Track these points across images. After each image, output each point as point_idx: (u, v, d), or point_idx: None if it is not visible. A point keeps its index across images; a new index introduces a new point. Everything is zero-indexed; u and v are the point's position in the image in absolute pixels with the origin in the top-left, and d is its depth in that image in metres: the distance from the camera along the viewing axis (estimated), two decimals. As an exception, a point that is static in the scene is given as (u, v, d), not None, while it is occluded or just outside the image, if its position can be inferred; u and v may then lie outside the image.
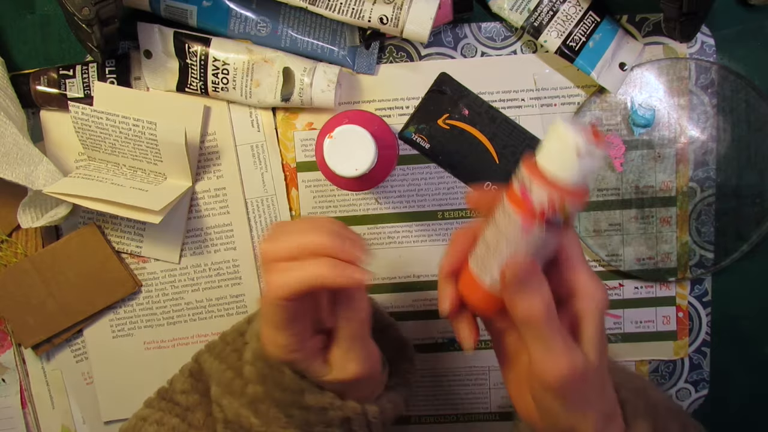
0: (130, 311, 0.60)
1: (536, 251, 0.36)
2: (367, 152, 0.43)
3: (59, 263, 0.58)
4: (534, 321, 0.36)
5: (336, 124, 0.44)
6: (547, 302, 0.36)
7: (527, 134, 0.56)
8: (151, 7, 0.53)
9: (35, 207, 0.55)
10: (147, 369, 0.55)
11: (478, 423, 0.63)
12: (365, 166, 0.43)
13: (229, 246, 0.58)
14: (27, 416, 0.62)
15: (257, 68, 0.54)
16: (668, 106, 0.55)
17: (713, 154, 0.56)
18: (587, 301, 0.38)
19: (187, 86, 0.55)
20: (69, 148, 0.57)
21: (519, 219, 0.35)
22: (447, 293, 0.40)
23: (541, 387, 0.37)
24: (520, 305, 0.36)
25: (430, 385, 0.63)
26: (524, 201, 0.35)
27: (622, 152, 0.56)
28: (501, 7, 0.53)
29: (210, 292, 0.59)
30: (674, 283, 0.59)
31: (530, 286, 0.36)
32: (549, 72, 0.56)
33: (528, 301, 0.36)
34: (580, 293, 0.38)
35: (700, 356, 0.61)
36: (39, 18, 0.56)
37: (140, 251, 0.59)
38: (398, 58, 0.56)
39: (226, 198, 0.58)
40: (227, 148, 0.57)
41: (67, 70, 0.55)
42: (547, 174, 0.34)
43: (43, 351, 0.60)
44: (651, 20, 0.55)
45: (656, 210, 0.57)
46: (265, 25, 0.54)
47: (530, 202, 0.35)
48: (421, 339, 0.61)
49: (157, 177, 0.55)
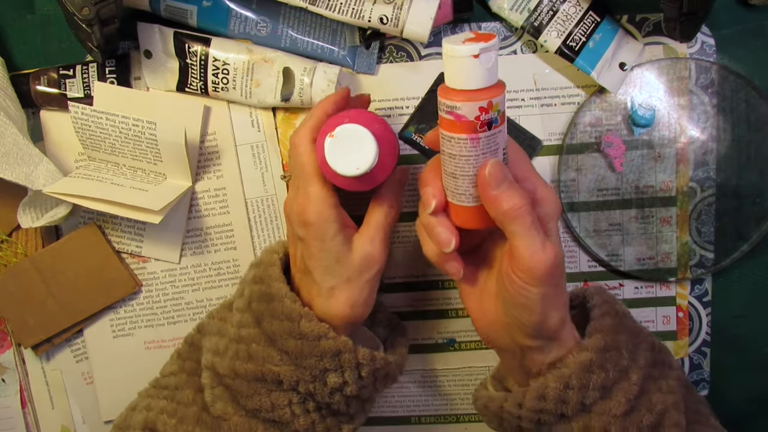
0: (131, 311, 0.60)
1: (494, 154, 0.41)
2: (368, 151, 0.43)
3: (59, 263, 0.58)
4: (519, 214, 0.40)
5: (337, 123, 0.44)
6: (527, 196, 0.41)
7: (527, 134, 0.56)
8: (151, 7, 0.53)
9: (35, 207, 0.55)
10: (147, 369, 0.55)
11: (477, 423, 0.63)
12: (366, 165, 0.43)
13: (229, 246, 0.58)
14: (27, 416, 0.62)
15: (257, 68, 0.54)
16: (668, 106, 0.55)
17: (713, 154, 0.56)
18: (550, 205, 0.43)
19: (187, 86, 0.55)
20: (69, 148, 0.57)
21: (465, 137, 0.40)
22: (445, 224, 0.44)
23: (527, 276, 0.41)
24: (504, 202, 0.40)
25: (430, 385, 0.63)
26: (460, 122, 0.39)
27: (622, 152, 0.56)
28: (501, 7, 0.53)
29: (210, 291, 0.59)
30: (674, 283, 0.59)
31: (508, 183, 0.41)
32: (549, 72, 0.56)
33: (510, 197, 0.40)
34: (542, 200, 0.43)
35: (700, 356, 0.61)
36: (39, 18, 0.56)
37: (140, 251, 0.59)
38: (398, 58, 0.56)
39: (226, 198, 0.58)
40: (227, 148, 0.57)
41: (67, 70, 0.55)
42: (462, 90, 0.39)
43: (43, 351, 0.60)
44: (651, 20, 0.55)
45: (656, 210, 0.57)
46: (265, 25, 0.54)
47: (465, 118, 0.39)
48: (421, 339, 0.61)
49: (157, 177, 0.55)
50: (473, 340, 0.61)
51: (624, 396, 0.44)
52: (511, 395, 0.46)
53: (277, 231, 0.58)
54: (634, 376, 0.45)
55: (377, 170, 0.45)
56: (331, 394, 0.46)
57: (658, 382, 0.46)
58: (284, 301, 0.46)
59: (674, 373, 0.48)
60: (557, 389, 0.43)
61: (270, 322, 0.46)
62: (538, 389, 0.44)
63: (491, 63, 0.38)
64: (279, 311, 0.46)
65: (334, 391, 0.46)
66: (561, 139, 0.56)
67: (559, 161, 0.56)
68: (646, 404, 0.45)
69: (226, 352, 0.48)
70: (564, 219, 0.58)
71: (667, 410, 0.45)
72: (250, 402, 0.47)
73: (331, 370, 0.45)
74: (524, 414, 0.45)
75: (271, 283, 0.47)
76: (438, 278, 0.60)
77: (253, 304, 0.47)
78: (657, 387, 0.46)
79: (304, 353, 0.45)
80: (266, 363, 0.46)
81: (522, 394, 0.45)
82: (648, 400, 0.45)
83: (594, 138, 0.56)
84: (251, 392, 0.46)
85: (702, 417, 0.49)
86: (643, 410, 0.44)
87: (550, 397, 0.44)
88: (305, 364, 0.45)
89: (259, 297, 0.47)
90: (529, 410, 0.45)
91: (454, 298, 0.60)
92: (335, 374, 0.45)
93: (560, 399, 0.44)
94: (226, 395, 0.48)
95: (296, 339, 0.45)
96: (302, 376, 0.45)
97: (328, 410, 0.48)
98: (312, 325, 0.45)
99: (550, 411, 0.44)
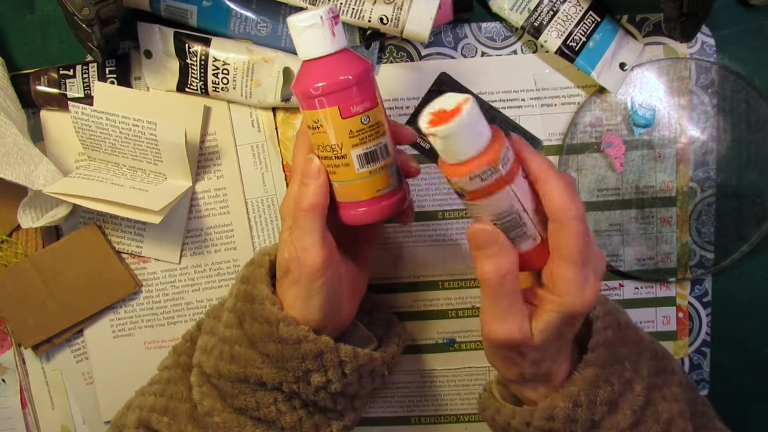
0: (131, 311, 0.60)
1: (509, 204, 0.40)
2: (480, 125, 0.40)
3: (59, 263, 0.58)
4: (486, 282, 0.40)
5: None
6: (500, 268, 0.40)
7: (527, 134, 0.56)
8: (152, 7, 0.53)
9: (35, 207, 0.55)
10: (147, 369, 0.55)
11: (477, 423, 0.63)
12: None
13: (229, 246, 0.58)
14: (27, 416, 0.62)
15: (257, 68, 0.54)
16: (668, 106, 0.55)
17: (713, 154, 0.56)
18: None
19: (187, 86, 0.55)
20: (69, 148, 0.57)
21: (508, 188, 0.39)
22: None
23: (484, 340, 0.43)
24: (478, 267, 0.41)
25: (430, 385, 0.63)
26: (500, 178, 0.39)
27: (623, 152, 0.56)
28: (501, 7, 0.53)
29: (210, 292, 0.59)
30: (674, 283, 0.59)
31: (487, 250, 0.40)
32: (549, 72, 0.56)
33: (483, 264, 0.41)
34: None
35: (700, 356, 0.61)
36: (39, 18, 0.56)
37: (140, 251, 0.59)
38: (398, 58, 0.56)
39: (226, 198, 0.58)
40: (227, 148, 0.57)
41: (67, 70, 0.55)
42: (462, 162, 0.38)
43: (43, 351, 0.60)
44: (651, 20, 0.55)
45: (656, 210, 0.57)
46: (265, 25, 0.54)
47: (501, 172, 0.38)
48: (421, 339, 0.61)
49: (157, 177, 0.55)
50: (473, 340, 0.61)
51: (630, 408, 0.44)
52: (519, 412, 0.45)
53: (277, 231, 0.58)
54: (638, 388, 0.44)
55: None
56: (315, 392, 0.46)
57: (662, 391, 0.46)
58: (264, 303, 0.45)
59: (677, 378, 0.48)
60: (566, 409, 0.43)
61: (251, 324, 0.45)
62: (546, 410, 0.43)
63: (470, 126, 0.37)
64: (259, 314, 0.45)
65: (319, 389, 0.46)
66: (561, 140, 0.56)
67: (560, 161, 0.56)
68: (652, 415, 0.45)
69: (212, 351, 0.48)
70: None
71: (674, 419, 0.45)
72: (236, 401, 0.46)
73: (314, 370, 0.45)
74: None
75: (255, 284, 0.46)
76: (438, 278, 0.60)
77: (237, 304, 0.47)
78: (662, 396, 0.46)
79: (284, 356, 0.44)
80: (248, 365, 0.45)
81: (530, 413, 0.44)
82: (654, 411, 0.45)
83: (594, 138, 0.56)
84: (236, 392, 0.46)
85: (708, 421, 0.49)
86: (650, 421, 0.44)
87: (559, 417, 0.43)
88: (287, 366, 0.45)
89: (244, 297, 0.47)
90: (537, 429, 0.44)
91: (454, 298, 0.60)
92: (318, 374, 0.45)
93: (569, 418, 0.43)
94: (213, 393, 0.48)
95: (276, 343, 0.44)
96: (285, 377, 0.45)
97: (314, 407, 0.48)
98: (290, 329, 0.44)
99: (559, 431, 0.44)
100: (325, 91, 0.41)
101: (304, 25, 0.40)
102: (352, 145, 0.43)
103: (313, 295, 0.44)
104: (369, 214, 0.44)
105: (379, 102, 0.43)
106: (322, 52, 0.41)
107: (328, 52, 0.41)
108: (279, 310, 0.45)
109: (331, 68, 0.41)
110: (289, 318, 0.44)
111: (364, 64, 0.42)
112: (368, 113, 0.42)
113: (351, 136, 0.42)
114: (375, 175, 0.44)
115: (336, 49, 0.41)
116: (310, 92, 0.42)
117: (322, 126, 0.42)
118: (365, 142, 0.43)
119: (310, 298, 0.44)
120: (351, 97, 0.42)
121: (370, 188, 0.44)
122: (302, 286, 0.44)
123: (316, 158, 0.44)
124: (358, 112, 0.42)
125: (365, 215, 0.44)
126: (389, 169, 0.44)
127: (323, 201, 0.43)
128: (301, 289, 0.44)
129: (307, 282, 0.44)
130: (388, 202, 0.45)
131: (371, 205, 0.44)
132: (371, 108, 0.43)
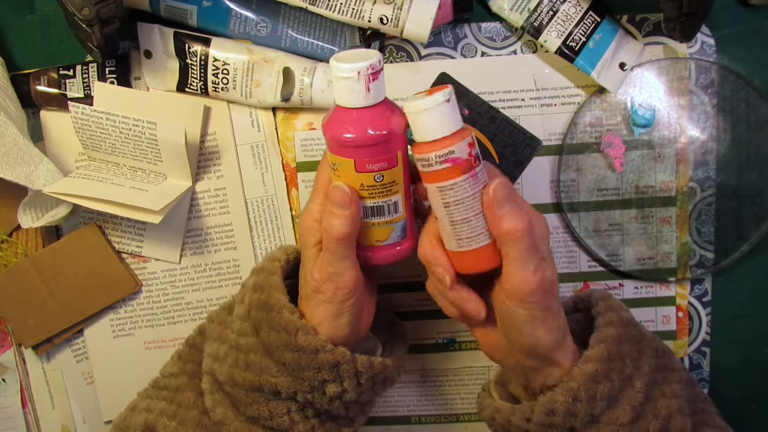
0: (131, 311, 0.60)
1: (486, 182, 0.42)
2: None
3: (59, 263, 0.58)
4: (517, 237, 0.41)
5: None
6: (527, 219, 0.41)
7: (527, 134, 0.56)
8: (151, 7, 0.53)
9: (35, 207, 0.55)
10: (147, 369, 0.55)
11: (477, 423, 0.63)
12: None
13: (229, 246, 0.58)
14: (27, 416, 0.62)
15: (257, 68, 0.54)
16: (668, 106, 0.55)
17: (713, 154, 0.56)
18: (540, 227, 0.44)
19: (187, 86, 0.55)
20: (69, 148, 0.57)
21: (466, 176, 0.41)
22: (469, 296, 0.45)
23: (515, 298, 0.42)
24: (506, 223, 0.41)
25: (430, 385, 0.63)
26: (457, 165, 0.40)
27: (622, 152, 0.56)
28: (501, 7, 0.53)
29: (210, 291, 0.60)
30: (674, 283, 0.59)
31: (510, 204, 0.41)
32: (549, 72, 0.56)
33: (511, 218, 0.41)
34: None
35: (700, 356, 0.61)
36: (39, 18, 0.56)
37: (140, 251, 0.59)
38: (398, 58, 0.56)
39: (226, 198, 0.58)
40: (227, 148, 0.57)
41: (67, 70, 0.55)
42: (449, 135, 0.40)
43: (44, 351, 0.60)
44: (651, 20, 0.55)
45: (656, 210, 0.57)
46: (265, 25, 0.54)
47: (460, 159, 0.40)
48: (421, 339, 0.61)
49: (157, 177, 0.55)
50: (473, 340, 0.61)
51: (629, 404, 0.44)
52: (518, 409, 0.46)
53: (277, 231, 0.58)
54: (638, 384, 0.45)
55: None
56: (330, 402, 0.46)
57: (662, 388, 0.46)
58: (282, 312, 0.45)
59: (678, 375, 0.48)
60: (566, 403, 0.43)
61: (268, 333, 0.46)
62: (546, 404, 0.44)
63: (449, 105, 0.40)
64: (277, 322, 0.45)
65: (333, 399, 0.46)
66: (561, 139, 0.57)
67: (559, 161, 0.57)
68: (652, 411, 0.45)
69: (226, 359, 0.48)
70: (564, 219, 0.58)
71: (672, 415, 0.45)
72: (249, 409, 0.46)
73: (330, 381, 0.45)
74: (532, 428, 0.45)
75: (271, 292, 0.46)
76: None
77: (252, 313, 0.47)
78: (661, 393, 0.46)
79: (301, 365, 0.45)
80: (263, 373, 0.45)
81: (530, 408, 0.45)
82: (654, 407, 0.45)
83: (594, 138, 0.56)
84: (249, 401, 0.46)
85: (708, 417, 0.49)
86: (649, 417, 0.45)
87: (559, 411, 0.44)
88: (303, 376, 0.45)
89: (258, 306, 0.47)
90: (537, 425, 0.45)
91: (454, 298, 0.60)
92: (334, 384, 0.45)
93: (569, 413, 0.44)
94: (226, 401, 0.48)
95: (293, 351, 0.44)
96: (300, 387, 0.45)
97: (327, 415, 0.48)
98: (309, 338, 0.44)
99: (559, 425, 0.44)
100: (344, 142, 0.42)
101: (340, 75, 0.40)
102: (361, 196, 0.43)
103: (344, 313, 0.45)
104: (361, 258, 0.46)
105: (400, 162, 0.43)
106: (353, 104, 0.41)
107: (359, 106, 0.41)
108: (298, 318, 0.45)
109: (357, 121, 0.41)
110: (308, 327, 0.45)
111: (391, 124, 0.42)
112: (384, 172, 0.43)
113: (361, 189, 0.43)
114: (377, 227, 0.45)
115: (368, 104, 0.41)
116: (330, 137, 0.42)
117: (338, 170, 0.43)
118: (374, 197, 0.43)
119: (340, 317, 0.45)
120: (369, 155, 0.42)
121: (369, 237, 0.45)
122: (334, 306, 0.45)
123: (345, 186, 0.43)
124: (373, 170, 0.42)
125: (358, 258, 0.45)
126: (395, 224, 0.45)
127: (354, 230, 0.44)
128: (332, 308, 0.45)
129: (340, 303, 0.45)
130: (383, 253, 0.46)
131: (366, 251, 0.46)
132: (388, 168, 0.43)
